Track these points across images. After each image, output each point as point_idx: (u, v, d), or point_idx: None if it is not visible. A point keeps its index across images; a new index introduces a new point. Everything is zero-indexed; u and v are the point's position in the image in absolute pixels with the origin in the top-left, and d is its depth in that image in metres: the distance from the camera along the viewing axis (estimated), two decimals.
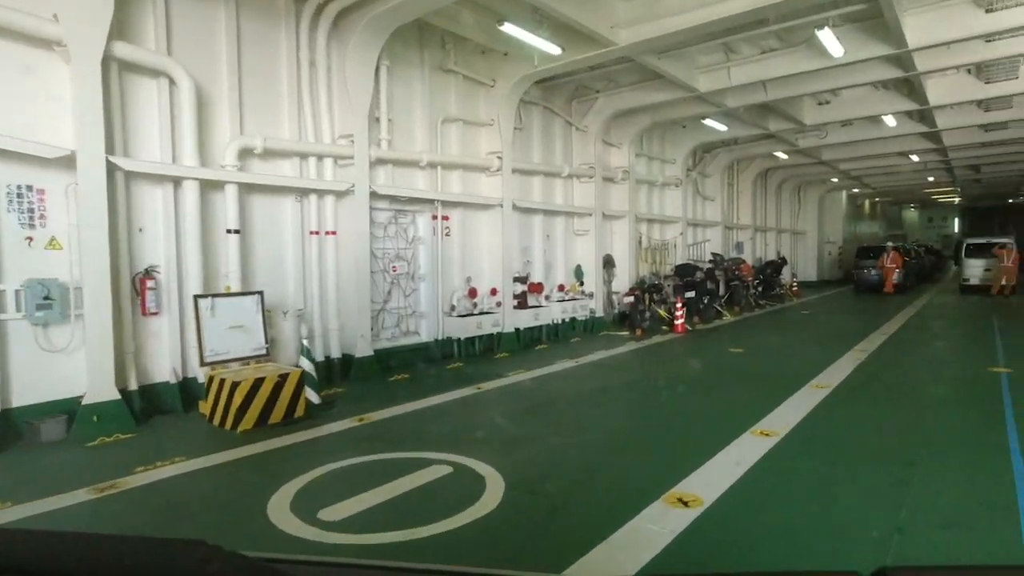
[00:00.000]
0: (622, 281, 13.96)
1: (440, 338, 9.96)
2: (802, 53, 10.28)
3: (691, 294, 14.54)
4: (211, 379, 6.08)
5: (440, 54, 9.84)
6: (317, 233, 8.16)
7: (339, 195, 8.29)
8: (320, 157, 8.09)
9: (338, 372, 8.27)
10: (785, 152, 19.16)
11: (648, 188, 15.81)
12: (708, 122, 14.37)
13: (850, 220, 33.16)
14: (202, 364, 6.26)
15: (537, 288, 11.76)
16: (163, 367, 6.60)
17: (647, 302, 12.76)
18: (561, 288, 12.58)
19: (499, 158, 10.62)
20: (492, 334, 10.54)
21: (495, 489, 4.32)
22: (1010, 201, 45.54)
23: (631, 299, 12.46)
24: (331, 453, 5.19)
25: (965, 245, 22.13)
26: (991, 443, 5.12)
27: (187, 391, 6.66)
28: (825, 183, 27.35)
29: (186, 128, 6.52)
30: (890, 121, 15.26)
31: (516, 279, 11.18)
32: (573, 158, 12.97)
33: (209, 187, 6.89)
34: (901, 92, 13.49)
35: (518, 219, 11.38)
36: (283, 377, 6.09)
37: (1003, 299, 18.93)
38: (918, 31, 9.24)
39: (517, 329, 11.02)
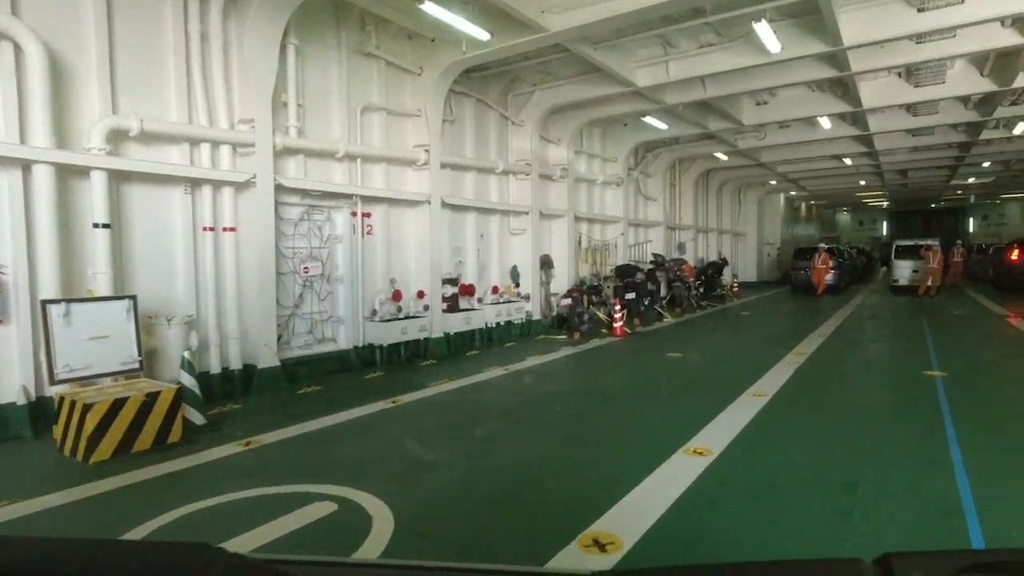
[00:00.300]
0: (561, 282, 13.46)
1: (361, 345, 9.16)
2: (740, 48, 9.99)
3: (631, 295, 14.20)
4: (62, 400, 5.14)
5: (359, 36, 9.04)
6: (212, 229, 7.24)
7: (239, 187, 7.40)
8: (215, 144, 7.18)
9: (238, 385, 7.38)
10: (725, 153, 19.15)
11: (588, 186, 15.38)
12: (649, 120, 14.05)
13: (788, 222, 33.95)
14: (52, 382, 5.30)
15: (469, 290, 11.09)
16: (10, 385, 5.60)
17: (586, 304, 12.29)
18: (495, 290, 11.96)
19: (426, 151, 9.90)
20: (419, 340, 9.81)
21: (381, 532, 3.62)
22: (933, 206, 48.01)
23: (569, 301, 11.97)
24: (199, 488, 4.38)
25: (894, 247, 22.77)
26: (935, 461, 4.77)
27: (41, 413, 5.67)
28: (764, 185, 27.78)
29: (36, 103, 5.53)
30: (825, 123, 15.34)
31: (446, 281, 10.48)
32: (509, 154, 12.38)
33: (70, 173, 5.91)
34: (836, 94, 13.51)
35: (449, 217, 10.68)
36: (152, 396, 5.21)
37: (929, 299, 19.47)
38: (853, 28, 9.06)
39: (447, 334, 10.32)
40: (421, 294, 10.00)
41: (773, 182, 26.69)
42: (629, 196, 17.56)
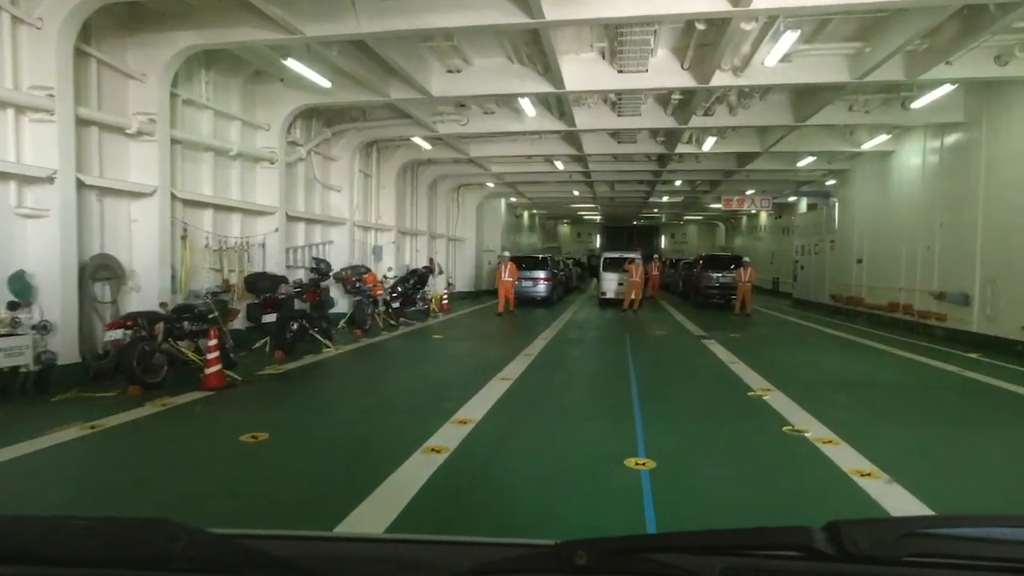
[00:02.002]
0: (149, 299, 8.46)
1: None
2: None
3: (270, 317, 9.83)
4: None
5: None
6: None
7: None
8: None
9: None
10: (427, 139, 15.96)
11: (217, 159, 10.58)
12: (297, 67, 9.79)
13: (510, 230, 33.01)
14: None
15: None
16: None
17: (160, 339, 7.51)
18: None
19: None
20: None
21: None
22: (635, 223, 53.30)
23: (118, 335, 7.06)
24: None
25: (602, 259, 22.33)
26: None
27: None
28: (483, 187, 25.80)
29: None
30: (529, 108, 12.95)
31: None
32: (22, 77, 7.05)
33: None
34: (537, 69, 11.00)
35: None
36: None
37: (633, 314, 18.91)
38: None
39: None
40: None
41: (491, 184, 24.77)
42: (295, 180, 13.17)
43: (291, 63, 9.57)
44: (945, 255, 13.51)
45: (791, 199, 27.86)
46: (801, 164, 18.65)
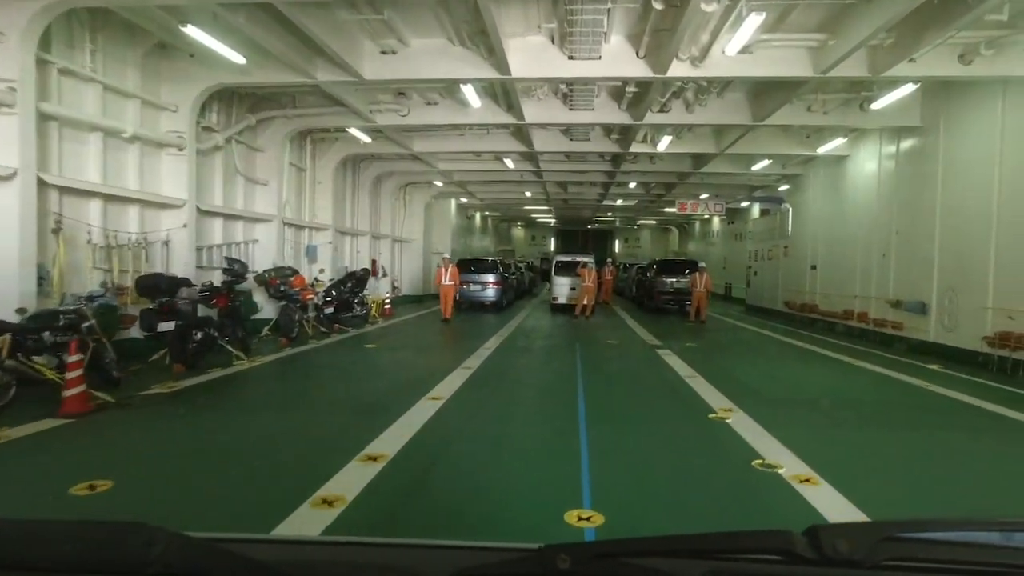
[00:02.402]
0: (4, 303, 6.99)
1: None
2: None
3: (168, 325, 8.48)
4: None
5: None
6: None
7: None
8: None
9: None
10: (366, 132, 14.75)
11: (109, 141, 9.14)
12: (197, 34, 8.46)
13: (461, 232, 31.88)
14: None
15: None
16: None
17: (5, 354, 6.11)
18: None
19: None
20: None
21: None
22: (589, 227, 52.94)
23: None
24: None
25: (554, 263, 21.47)
26: None
27: None
28: (431, 186, 24.63)
29: None
30: (473, 98, 11.91)
31: None
32: None
33: None
34: (480, 53, 10.00)
35: None
36: None
37: (585, 321, 18.10)
38: None
39: None
40: None
41: (439, 183, 23.62)
42: (211, 171, 11.78)
43: (192, 31, 8.24)
44: (902, 263, 13.15)
45: (744, 204, 27.73)
46: (756, 168, 18.26)
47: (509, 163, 18.65)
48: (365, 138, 15.15)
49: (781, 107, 11.99)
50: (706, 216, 36.21)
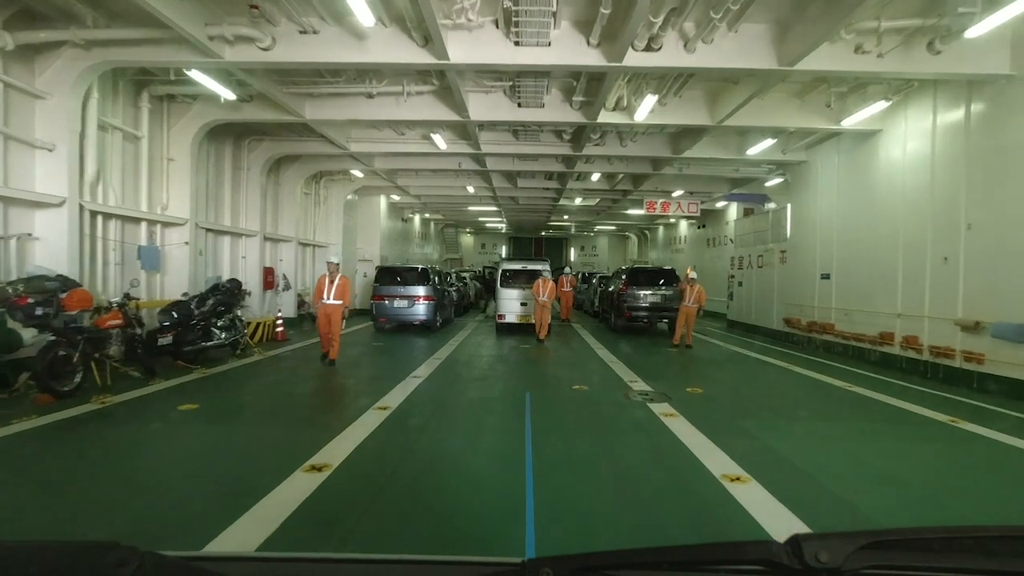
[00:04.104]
0: None
1: None
2: None
3: None
4: None
5: None
6: None
7: None
8: None
9: None
10: (216, 78, 10.16)
11: None
12: None
13: (396, 237, 27.25)
14: None
15: None
16: None
17: None
18: None
19: None
20: None
21: None
22: (543, 233, 49.05)
23: None
24: None
25: (500, 271, 17.16)
26: None
27: None
28: (351, 179, 20.04)
29: None
30: (365, 15, 7.54)
31: None
32: None
33: None
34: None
35: None
36: None
37: (538, 347, 13.87)
38: None
39: None
40: None
41: (357, 172, 19.04)
42: None
43: None
44: (978, 269, 9.44)
45: (720, 204, 24.20)
46: (752, 151, 14.48)
47: (440, 142, 14.29)
48: (224, 92, 10.51)
49: (813, 50, 8.18)
50: (673, 220, 32.72)
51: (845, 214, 13.46)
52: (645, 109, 11.24)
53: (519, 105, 11.89)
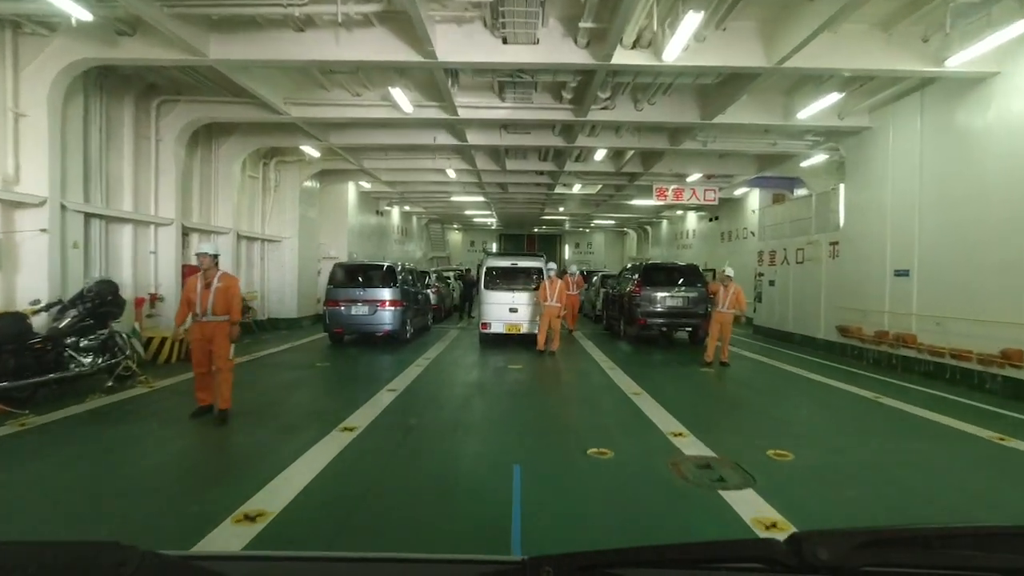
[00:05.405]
0: None
1: None
2: None
3: None
4: None
5: None
6: None
7: None
8: None
9: None
10: (82, 3, 6.86)
11: None
12: None
13: (369, 232, 23.94)
14: None
15: None
16: None
17: None
18: None
19: None
20: None
21: None
22: (536, 230, 45.86)
23: None
24: None
25: (485, 270, 13.85)
26: None
27: None
28: (306, 160, 16.72)
29: None
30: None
31: None
32: None
33: None
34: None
35: None
36: None
37: (538, 366, 10.62)
38: None
39: None
40: None
41: (314, 152, 15.74)
42: None
43: None
44: None
45: (739, 191, 21.08)
46: (804, 114, 11.27)
47: (401, 99, 10.98)
48: (68, 6, 7.17)
49: None
50: (680, 212, 29.60)
51: (934, 192, 10.28)
52: (681, 39, 8.00)
53: (504, 41, 8.68)
